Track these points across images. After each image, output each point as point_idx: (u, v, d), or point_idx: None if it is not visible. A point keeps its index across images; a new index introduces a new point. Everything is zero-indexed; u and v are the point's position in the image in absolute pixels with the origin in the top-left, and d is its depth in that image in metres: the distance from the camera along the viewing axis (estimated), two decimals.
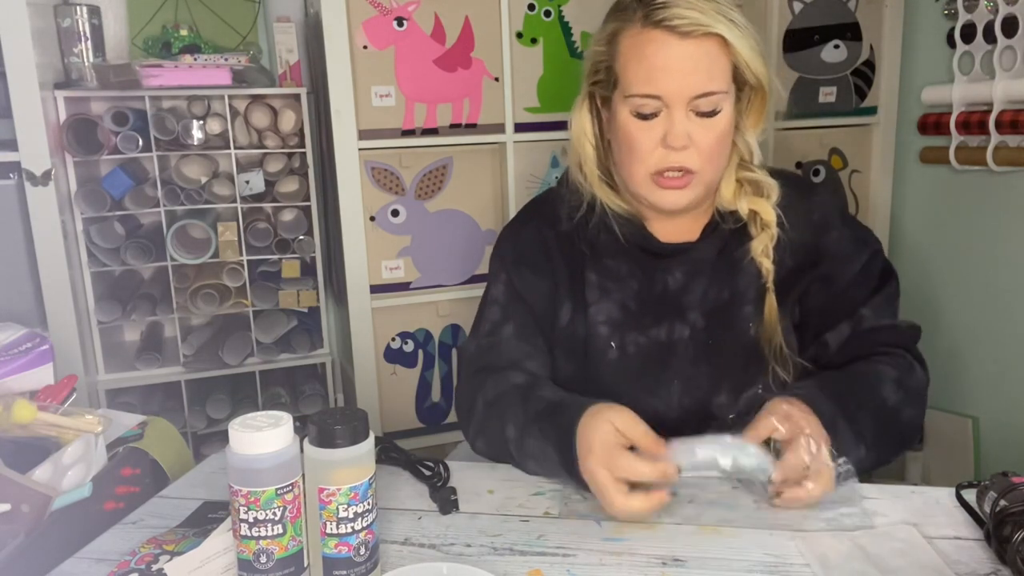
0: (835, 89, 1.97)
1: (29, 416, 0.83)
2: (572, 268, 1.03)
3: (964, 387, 1.85)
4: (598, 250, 1.02)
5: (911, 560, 0.72)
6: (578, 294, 1.02)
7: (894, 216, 2.05)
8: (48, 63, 1.67)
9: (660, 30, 0.88)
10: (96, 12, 1.78)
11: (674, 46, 0.88)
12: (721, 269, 1.00)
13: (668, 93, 0.89)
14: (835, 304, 0.99)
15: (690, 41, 0.88)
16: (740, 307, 0.99)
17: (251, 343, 1.88)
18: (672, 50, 0.88)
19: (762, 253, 0.97)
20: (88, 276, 1.77)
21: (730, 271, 0.99)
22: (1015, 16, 1.59)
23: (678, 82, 0.88)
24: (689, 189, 0.93)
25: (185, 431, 1.83)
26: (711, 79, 0.89)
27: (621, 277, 1.01)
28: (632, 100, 0.91)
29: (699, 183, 0.93)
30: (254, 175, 1.84)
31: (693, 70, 0.88)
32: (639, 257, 1.01)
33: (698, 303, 0.99)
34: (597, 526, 0.80)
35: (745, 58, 0.91)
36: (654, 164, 0.92)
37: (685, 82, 0.88)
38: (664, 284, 1.00)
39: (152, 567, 0.71)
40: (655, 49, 0.89)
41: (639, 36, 0.90)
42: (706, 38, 0.88)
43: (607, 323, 1.00)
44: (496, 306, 1.04)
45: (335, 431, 0.65)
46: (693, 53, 0.88)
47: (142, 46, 1.90)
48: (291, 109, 1.84)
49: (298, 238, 1.87)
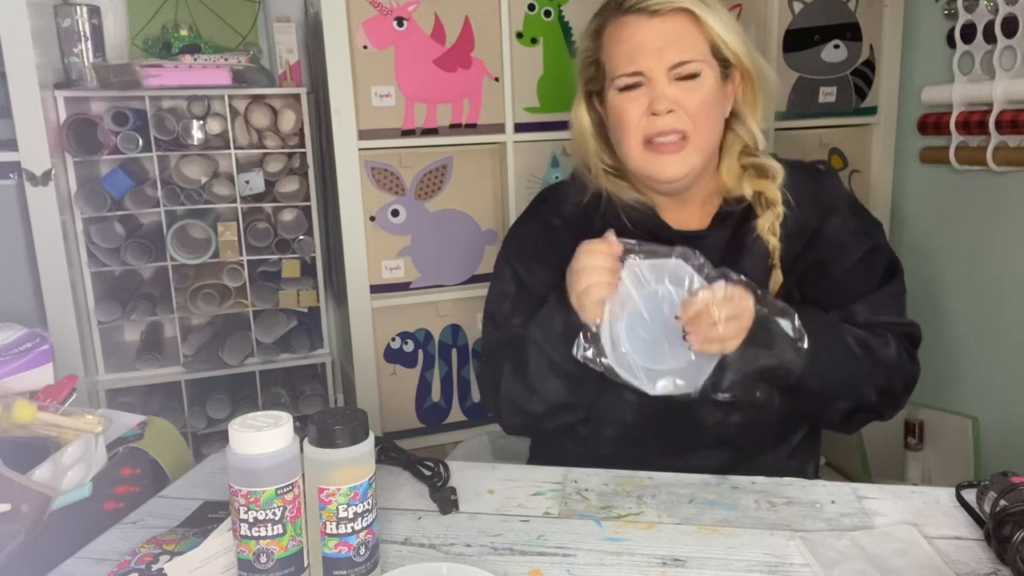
0: (835, 89, 1.97)
1: (29, 416, 0.83)
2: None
3: (964, 387, 1.85)
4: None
5: (911, 560, 0.72)
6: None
7: (894, 216, 2.05)
8: (48, 63, 1.67)
9: (632, 14, 0.96)
10: (96, 12, 1.77)
11: (646, 24, 0.96)
12: (730, 255, 1.01)
13: (647, 68, 0.95)
14: (830, 294, 1.01)
15: (659, 19, 0.95)
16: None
17: (251, 343, 1.88)
18: (644, 28, 0.96)
19: (768, 231, 0.99)
20: (88, 276, 1.77)
21: (739, 256, 1.01)
22: (1015, 16, 1.59)
23: (653, 56, 0.95)
24: (684, 154, 0.97)
25: (185, 431, 1.83)
26: (683, 50, 0.95)
27: None
28: (618, 80, 0.98)
29: (693, 149, 0.97)
30: (254, 175, 1.84)
31: (664, 44, 0.95)
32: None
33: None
34: (597, 526, 0.80)
35: (719, 33, 0.96)
36: (643, 130, 0.97)
37: (659, 55, 0.95)
38: None
39: (152, 567, 0.71)
40: (631, 31, 0.96)
41: (616, 24, 0.98)
42: (675, 14, 0.95)
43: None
44: (507, 301, 1.08)
45: (335, 431, 0.65)
46: (663, 29, 0.95)
47: (142, 46, 1.90)
48: (291, 109, 1.84)
49: (298, 238, 1.87)
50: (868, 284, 1.01)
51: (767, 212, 0.99)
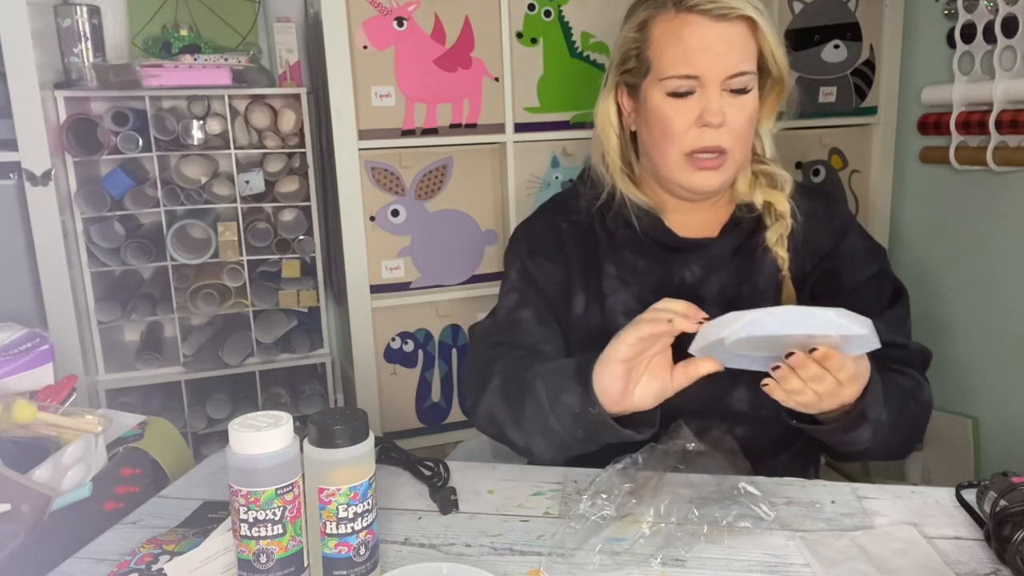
0: (835, 89, 1.97)
1: (29, 416, 0.83)
2: (587, 258, 1.04)
3: (964, 387, 1.84)
4: (616, 242, 1.03)
5: (911, 560, 0.72)
6: (593, 284, 1.03)
7: (894, 216, 2.05)
8: (48, 63, 1.67)
9: (695, 14, 0.92)
10: (96, 12, 1.78)
11: (710, 27, 0.91)
12: (739, 264, 1.01)
13: (705, 72, 0.92)
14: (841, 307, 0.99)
15: (724, 23, 0.92)
16: (758, 302, 0.98)
17: (251, 343, 1.88)
18: (708, 31, 0.91)
19: (776, 243, 0.98)
20: (88, 276, 1.77)
21: (747, 266, 1.00)
22: (1015, 16, 1.59)
23: (714, 61, 0.91)
24: (722, 171, 0.95)
25: (185, 431, 1.83)
26: (743, 60, 0.93)
27: (638, 271, 1.02)
28: (668, 82, 0.94)
29: (731, 164, 0.96)
30: (254, 175, 1.84)
31: (728, 50, 0.92)
32: (656, 252, 1.02)
33: (715, 296, 1.00)
34: (597, 526, 0.80)
35: (772, 45, 0.94)
36: (689, 144, 0.94)
37: (721, 61, 0.91)
38: (681, 277, 1.01)
39: (152, 567, 0.71)
40: (692, 31, 0.92)
41: (673, 20, 0.93)
42: (738, 20, 0.92)
43: (625, 314, 1.01)
44: (514, 292, 1.05)
45: (335, 431, 0.65)
46: (727, 34, 0.92)
47: (142, 46, 1.90)
48: (291, 109, 1.84)
49: (298, 238, 1.87)
50: (878, 303, 0.99)
51: (776, 224, 0.99)
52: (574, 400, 0.85)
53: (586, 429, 0.85)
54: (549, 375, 0.89)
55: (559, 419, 0.87)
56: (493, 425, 0.97)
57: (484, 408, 0.96)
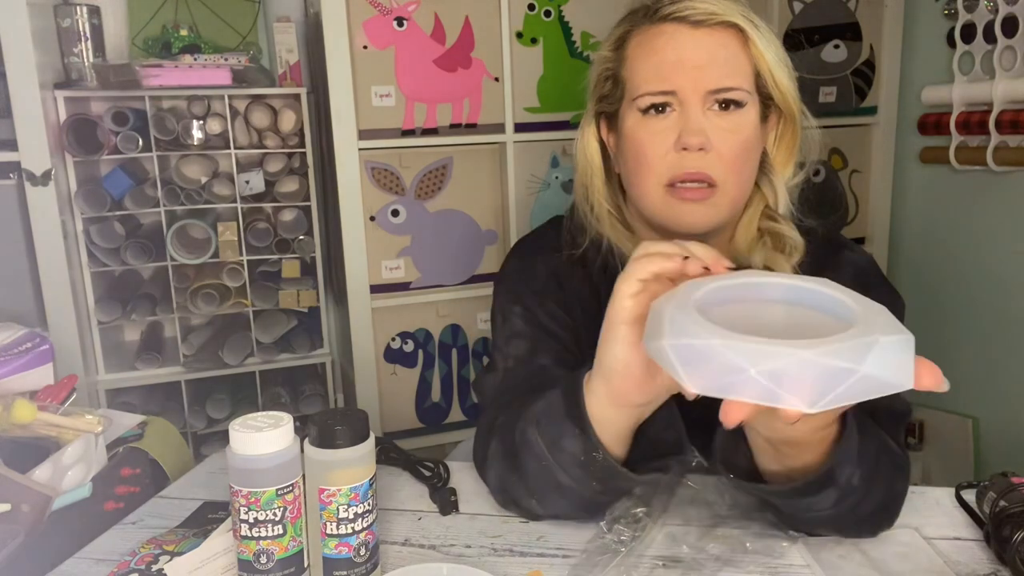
0: (835, 89, 1.97)
1: (29, 416, 0.83)
2: (583, 298, 0.92)
3: (964, 387, 1.85)
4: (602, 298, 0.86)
5: (914, 564, 0.72)
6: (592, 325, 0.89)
7: (894, 216, 2.05)
8: (48, 63, 1.67)
9: (670, 22, 0.80)
10: (96, 12, 1.77)
11: (686, 35, 0.79)
12: None
13: (681, 86, 0.79)
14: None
15: (703, 30, 0.79)
16: None
17: (251, 343, 1.88)
18: (684, 40, 0.79)
19: None
20: (88, 276, 1.77)
21: None
22: (1015, 16, 1.59)
23: (692, 74, 0.78)
24: (710, 205, 0.80)
25: (185, 431, 1.83)
26: (728, 74, 0.79)
27: None
28: (641, 100, 0.81)
29: (723, 199, 0.81)
30: (254, 175, 1.84)
31: (709, 61, 0.78)
32: None
33: None
34: (597, 526, 0.80)
35: (769, 63, 0.80)
36: (667, 171, 0.80)
37: (700, 74, 0.78)
38: None
39: (152, 567, 0.71)
40: (665, 41, 0.80)
41: (647, 32, 0.82)
42: (722, 29, 0.79)
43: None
44: (520, 340, 0.89)
45: (335, 431, 0.65)
46: (707, 43, 0.79)
47: (142, 46, 1.90)
48: (291, 109, 1.84)
49: (298, 238, 1.87)
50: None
51: None
52: (575, 445, 0.70)
53: (600, 480, 0.71)
54: (543, 417, 0.73)
55: (567, 471, 0.72)
56: (508, 500, 0.80)
57: (492, 479, 0.81)
